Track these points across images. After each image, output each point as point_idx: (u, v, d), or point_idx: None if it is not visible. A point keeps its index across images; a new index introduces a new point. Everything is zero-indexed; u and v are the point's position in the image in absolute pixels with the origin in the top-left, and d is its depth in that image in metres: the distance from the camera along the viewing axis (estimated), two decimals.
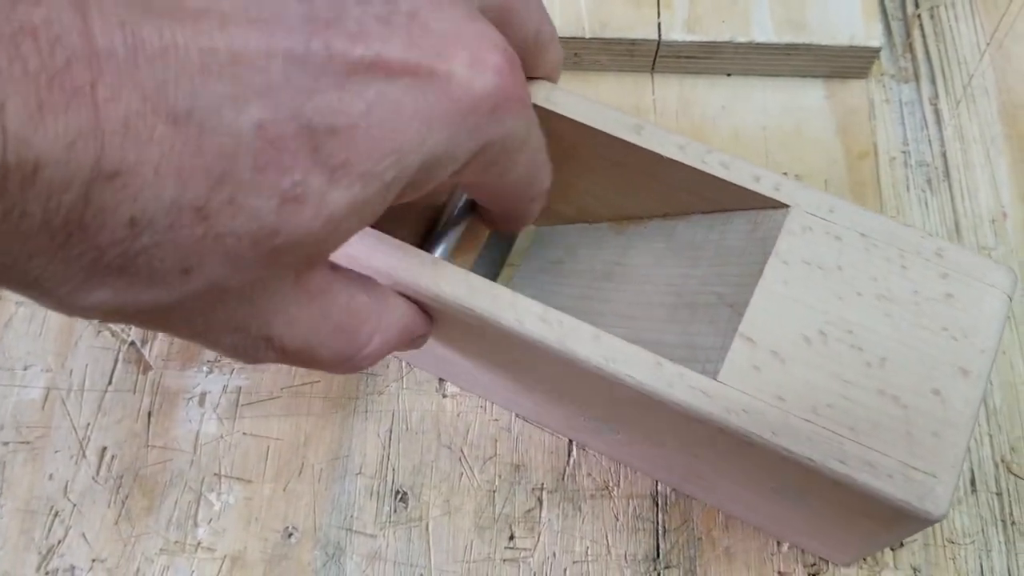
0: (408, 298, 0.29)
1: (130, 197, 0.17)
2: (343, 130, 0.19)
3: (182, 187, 0.17)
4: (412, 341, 0.29)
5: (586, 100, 0.31)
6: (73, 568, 0.34)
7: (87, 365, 0.37)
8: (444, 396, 0.37)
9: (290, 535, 0.35)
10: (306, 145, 0.19)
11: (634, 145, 0.30)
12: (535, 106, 0.30)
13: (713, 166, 0.30)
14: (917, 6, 0.44)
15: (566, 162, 0.33)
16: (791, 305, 0.27)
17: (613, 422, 0.32)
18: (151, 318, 0.20)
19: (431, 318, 0.29)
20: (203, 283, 0.19)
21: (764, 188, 0.29)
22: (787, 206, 0.29)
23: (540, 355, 0.28)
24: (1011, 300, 0.27)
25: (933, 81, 0.43)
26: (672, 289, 0.32)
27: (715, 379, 0.26)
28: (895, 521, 0.26)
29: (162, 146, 0.17)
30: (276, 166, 0.18)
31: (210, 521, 0.35)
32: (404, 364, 0.37)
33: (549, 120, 0.31)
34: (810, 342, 0.27)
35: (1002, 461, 0.35)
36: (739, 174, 0.29)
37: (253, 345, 0.23)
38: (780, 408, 0.26)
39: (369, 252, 0.28)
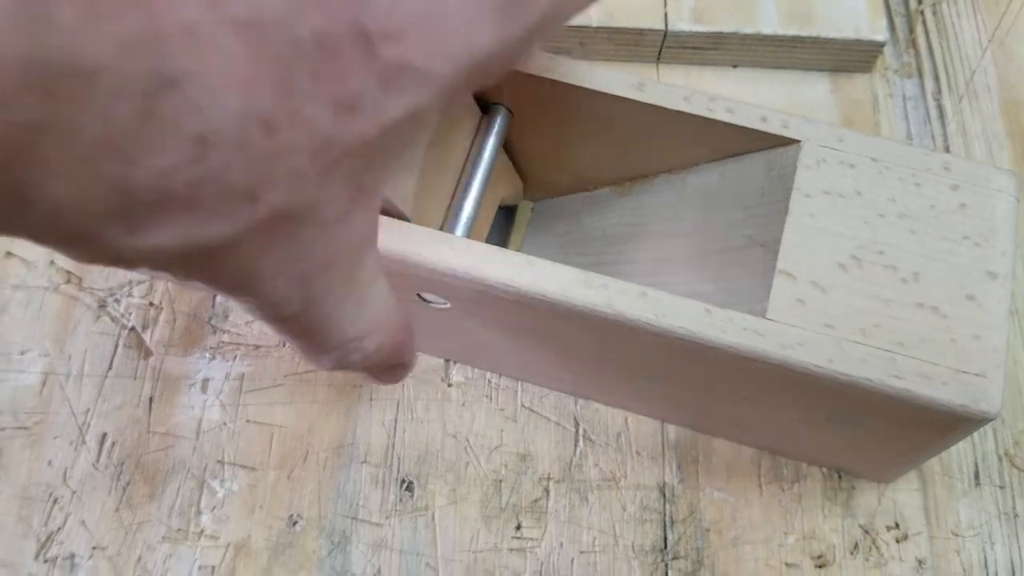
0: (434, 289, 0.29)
1: (195, 109, 0.16)
2: (396, 34, 0.19)
3: (248, 98, 0.17)
4: (394, 366, 0.28)
5: (582, 64, 0.31)
6: (73, 556, 0.34)
7: (86, 350, 0.37)
8: (449, 385, 0.37)
9: (295, 523, 0.34)
10: (362, 52, 0.18)
11: (637, 102, 0.31)
12: (533, 77, 0.31)
13: (719, 112, 0.30)
14: (920, 2, 0.45)
15: (561, 131, 0.33)
16: (821, 236, 0.28)
17: (659, 379, 0.32)
18: (204, 262, 0.19)
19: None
20: (267, 210, 0.19)
21: (772, 127, 0.30)
22: (798, 141, 0.30)
23: (584, 322, 0.28)
24: (1018, 201, 0.29)
25: (936, 77, 0.43)
26: (695, 239, 0.32)
27: (764, 318, 0.27)
28: (952, 427, 0.28)
29: (225, 55, 0.16)
30: (333, 74, 0.18)
31: (213, 509, 0.35)
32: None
33: (544, 88, 0.31)
34: (846, 268, 0.28)
35: (1006, 454, 0.36)
36: (746, 116, 0.30)
37: (294, 296, 0.22)
38: (831, 335, 0.27)
39: (397, 239, 0.28)
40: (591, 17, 0.41)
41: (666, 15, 0.41)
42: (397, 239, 0.28)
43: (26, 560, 0.34)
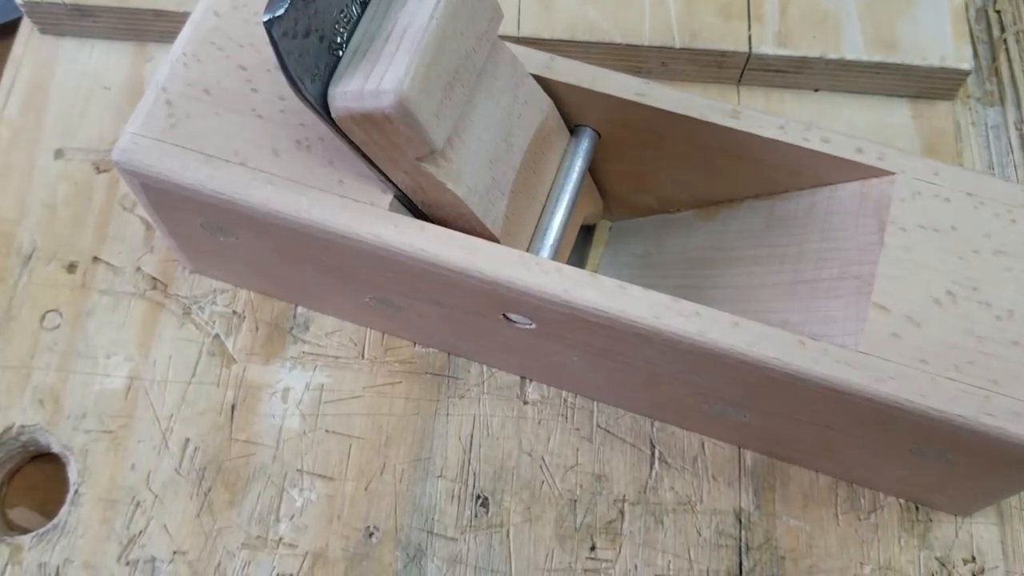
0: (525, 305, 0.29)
1: None
2: None
3: None
4: None
5: (674, 90, 0.31)
6: (154, 559, 0.34)
7: (171, 356, 0.37)
8: (525, 403, 0.37)
9: (371, 535, 0.35)
10: None
11: (730, 129, 0.31)
12: (626, 101, 0.31)
13: (815, 142, 0.31)
14: (1003, 30, 0.44)
15: (647, 152, 0.34)
16: (916, 270, 0.29)
17: (743, 406, 0.32)
18: None
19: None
20: None
21: (868, 158, 0.30)
22: (893, 173, 0.30)
23: (673, 348, 0.28)
24: None
25: (1019, 106, 0.43)
26: (784, 268, 0.32)
27: (857, 351, 0.27)
28: None
29: None
30: None
31: (292, 517, 0.35)
32: (485, 369, 0.37)
33: (636, 112, 0.31)
34: (940, 304, 0.28)
35: None
36: (842, 147, 0.30)
37: None
38: (924, 371, 0.27)
39: (488, 261, 0.28)
40: (675, 38, 0.41)
41: (750, 38, 0.41)
42: (488, 261, 0.29)
43: (108, 562, 0.34)
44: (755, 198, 0.34)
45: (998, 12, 0.45)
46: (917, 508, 0.35)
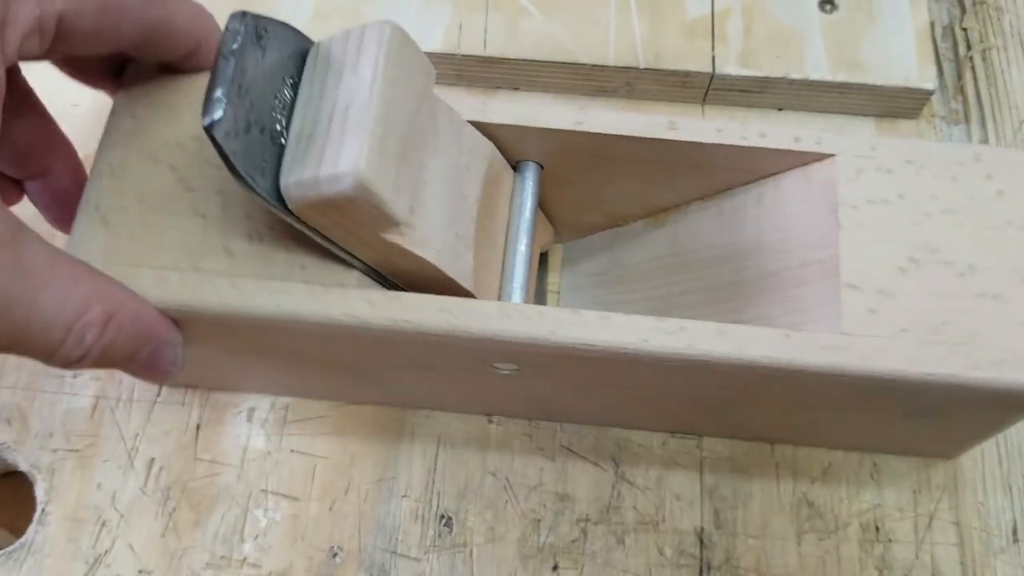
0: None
1: None
2: None
3: None
4: (155, 349, 0.28)
5: (610, 112, 0.32)
6: None
7: None
8: (490, 422, 0.37)
9: (335, 555, 0.35)
10: None
11: (670, 141, 0.32)
12: (564, 131, 0.31)
13: (753, 139, 0.31)
14: (969, 48, 0.45)
15: (591, 175, 0.34)
16: (875, 244, 0.30)
17: (739, 404, 0.33)
18: None
19: (179, 329, 0.29)
20: None
21: (806, 145, 0.31)
22: (832, 155, 0.31)
23: (664, 366, 0.29)
24: None
25: (983, 124, 0.43)
26: (747, 262, 0.33)
27: (840, 333, 0.28)
28: None
29: None
30: None
31: (256, 537, 0.35)
32: None
33: (575, 139, 0.32)
34: (906, 271, 0.29)
35: None
36: (780, 139, 0.31)
37: None
38: (907, 339, 0.28)
39: (469, 318, 0.29)
40: (639, 58, 0.41)
41: (713, 58, 0.41)
42: (470, 319, 0.29)
43: None
44: (701, 199, 0.35)
45: (964, 30, 0.45)
46: (877, 529, 0.35)
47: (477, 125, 0.32)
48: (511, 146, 0.33)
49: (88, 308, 0.25)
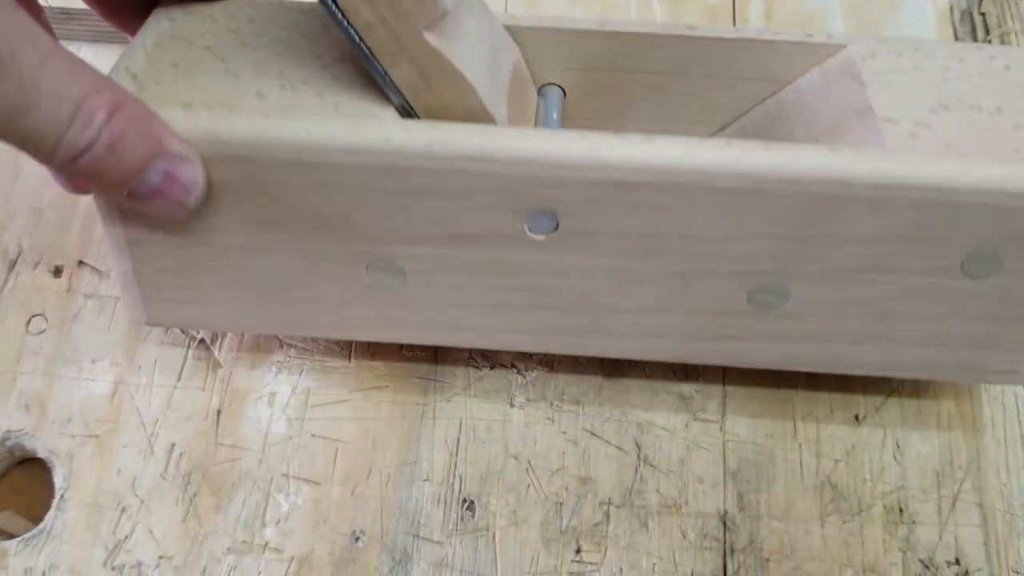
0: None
1: None
2: None
3: None
4: (171, 164, 0.27)
5: (633, 23, 0.33)
6: (140, 564, 0.34)
7: (156, 360, 0.37)
8: (512, 406, 0.37)
9: (357, 539, 0.35)
10: None
11: (691, 38, 0.33)
12: (585, 34, 0.32)
13: (767, 34, 0.33)
14: (988, 32, 0.44)
15: (612, 99, 0.35)
16: (902, 95, 0.31)
17: (787, 277, 0.31)
18: None
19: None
20: None
21: (818, 39, 0.33)
22: (845, 45, 0.33)
23: (708, 191, 0.28)
24: None
25: None
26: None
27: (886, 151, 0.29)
28: None
29: None
30: None
31: (278, 522, 0.35)
32: (472, 371, 0.38)
33: (599, 48, 0.33)
34: (938, 113, 0.30)
35: None
36: (792, 35, 0.33)
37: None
38: (954, 153, 0.29)
39: (511, 141, 0.28)
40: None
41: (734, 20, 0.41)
42: (509, 138, 0.28)
43: (94, 568, 0.34)
44: (722, 128, 0.35)
45: (983, 15, 0.45)
46: (901, 510, 0.35)
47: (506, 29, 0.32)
48: (535, 66, 0.33)
49: (98, 90, 0.24)
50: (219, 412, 0.37)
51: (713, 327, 0.33)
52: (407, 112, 0.29)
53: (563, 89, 0.34)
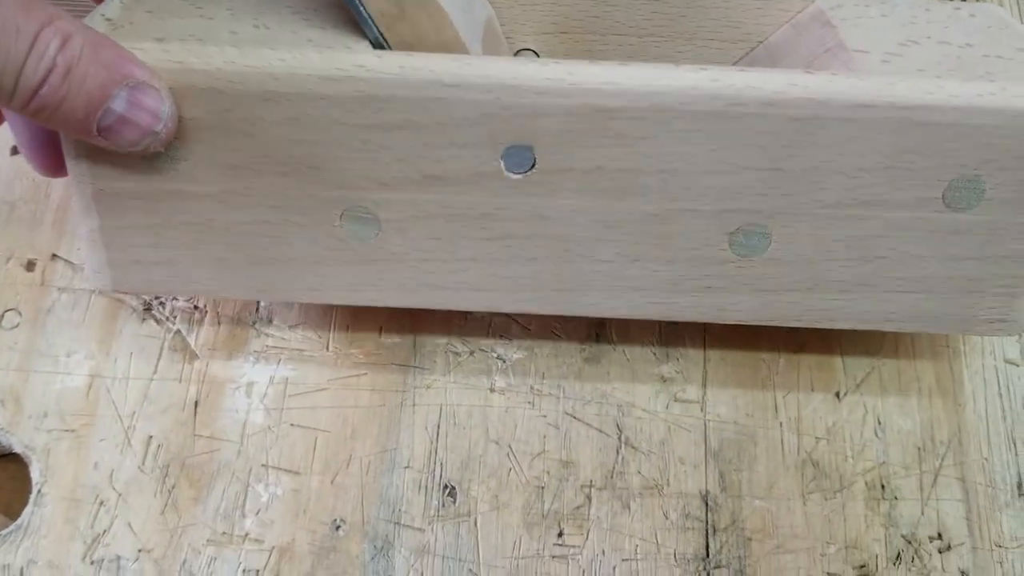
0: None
1: None
2: None
3: None
4: (135, 89, 0.26)
5: None
6: (119, 558, 0.34)
7: (132, 353, 0.37)
8: (492, 391, 0.37)
9: (338, 528, 0.35)
10: None
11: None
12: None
13: None
14: None
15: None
16: (872, 32, 0.32)
17: (767, 215, 0.31)
18: None
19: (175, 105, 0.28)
20: None
21: None
22: (813, 1, 0.34)
23: (685, 122, 0.28)
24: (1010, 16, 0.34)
25: None
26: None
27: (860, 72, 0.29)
28: None
29: None
30: None
31: (258, 512, 0.35)
32: (452, 358, 0.37)
33: (571, 10, 0.33)
34: (908, 46, 0.31)
35: None
36: None
37: None
38: (927, 75, 0.29)
39: (485, 69, 0.27)
40: None
41: None
42: (484, 64, 0.27)
43: (73, 562, 0.34)
44: None
45: None
46: (883, 487, 0.35)
47: None
48: (508, 29, 0.33)
49: (49, 21, 0.24)
50: (196, 403, 0.36)
51: (694, 276, 0.32)
52: (381, 47, 0.29)
53: (536, 54, 0.33)
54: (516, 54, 0.34)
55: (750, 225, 0.31)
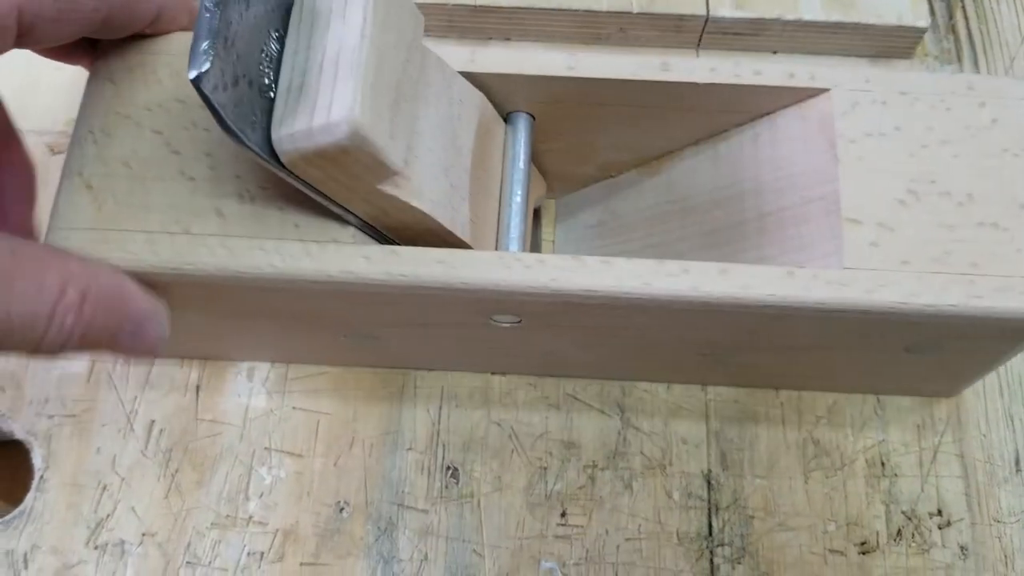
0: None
1: None
2: None
3: None
4: (138, 324, 0.27)
5: (601, 56, 0.32)
6: (123, 542, 0.34)
7: None
8: (493, 373, 0.37)
9: (342, 510, 0.35)
10: None
11: (663, 83, 0.31)
12: (556, 78, 0.31)
13: (747, 76, 0.31)
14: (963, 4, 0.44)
15: (583, 124, 0.34)
16: (874, 177, 0.29)
17: (742, 349, 0.33)
18: None
19: (163, 299, 0.28)
20: None
21: (802, 81, 0.31)
22: (827, 90, 0.31)
23: (667, 310, 0.29)
24: None
25: (976, 62, 0.43)
26: (745, 204, 0.33)
27: (843, 268, 0.28)
28: None
29: None
30: None
31: (261, 495, 0.35)
32: None
33: (567, 86, 0.31)
34: (906, 204, 0.29)
35: None
36: (774, 76, 0.31)
37: None
38: (909, 271, 0.28)
39: (467, 268, 0.28)
40: (632, 3, 0.40)
41: (708, 1, 0.40)
42: (469, 270, 0.28)
43: (77, 547, 0.34)
44: (695, 144, 0.34)
45: None
46: (883, 464, 0.36)
47: (467, 75, 0.31)
48: (502, 97, 0.32)
49: (63, 293, 0.25)
50: (198, 387, 0.36)
51: (676, 368, 0.36)
52: (365, 230, 0.29)
53: (532, 116, 0.33)
54: (508, 115, 0.33)
55: (720, 351, 0.33)
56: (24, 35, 0.26)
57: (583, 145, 0.35)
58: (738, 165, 0.33)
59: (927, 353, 0.32)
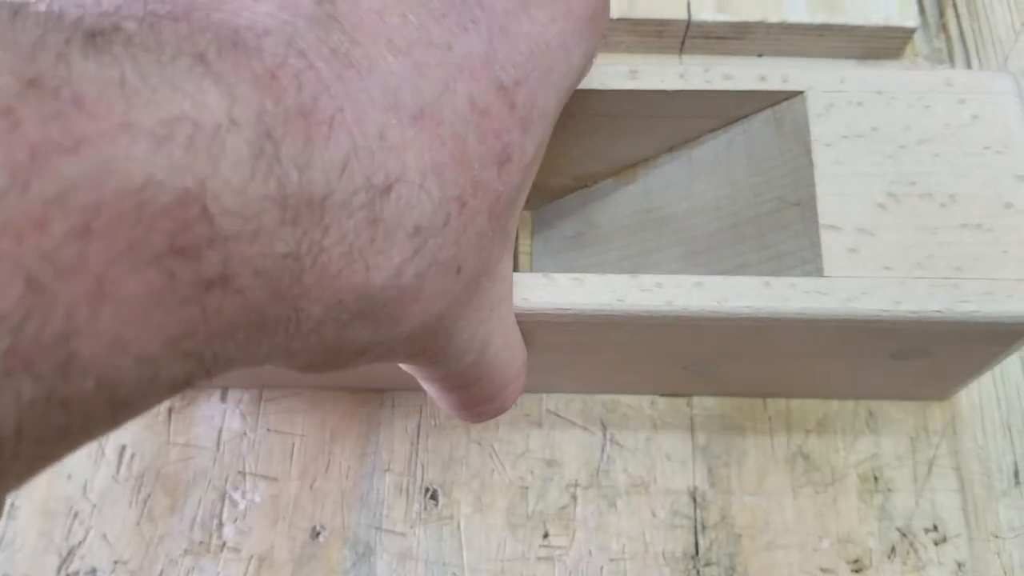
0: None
1: (408, 206, 0.17)
2: (523, 79, 0.20)
3: (443, 181, 0.18)
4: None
5: None
6: (95, 570, 0.33)
7: None
8: None
9: (318, 534, 0.34)
10: (504, 103, 0.20)
11: (632, 91, 0.30)
12: None
13: (717, 81, 0.30)
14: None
15: (555, 135, 0.32)
16: (852, 180, 0.28)
17: (720, 360, 0.32)
18: (416, 339, 0.20)
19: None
20: (467, 277, 0.20)
21: (774, 84, 0.30)
22: (801, 92, 0.30)
23: (642, 325, 0.28)
24: (1022, 98, 0.29)
25: (968, 62, 0.42)
26: (721, 211, 0.32)
27: (822, 277, 0.27)
28: (1020, 335, 0.28)
29: (415, 148, 0.17)
30: (491, 132, 0.19)
31: (235, 520, 0.34)
32: None
33: None
34: (885, 207, 0.28)
35: None
36: (745, 80, 0.30)
37: (473, 346, 0.23)
38: (891, 277, 0.27)
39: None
40: (611, 8, 0.39)
41: (689, 5, 0.39)
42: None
43: (48, 575, 0.33)
44: (669, 151, 0.34)
45: None
46: (876, 479, 0.34)
47: None
48: None
49: (521, 357, 0.27)
50: (170, 410, 0.36)
51: (658, 379, 0.35)
52: None
53: None
54: None
55: (701, 363, 0.32)
56: None
57: (556, 156, 0.34)
58: (713, 172, 0.32)
59: (915, 358, 0.31)
